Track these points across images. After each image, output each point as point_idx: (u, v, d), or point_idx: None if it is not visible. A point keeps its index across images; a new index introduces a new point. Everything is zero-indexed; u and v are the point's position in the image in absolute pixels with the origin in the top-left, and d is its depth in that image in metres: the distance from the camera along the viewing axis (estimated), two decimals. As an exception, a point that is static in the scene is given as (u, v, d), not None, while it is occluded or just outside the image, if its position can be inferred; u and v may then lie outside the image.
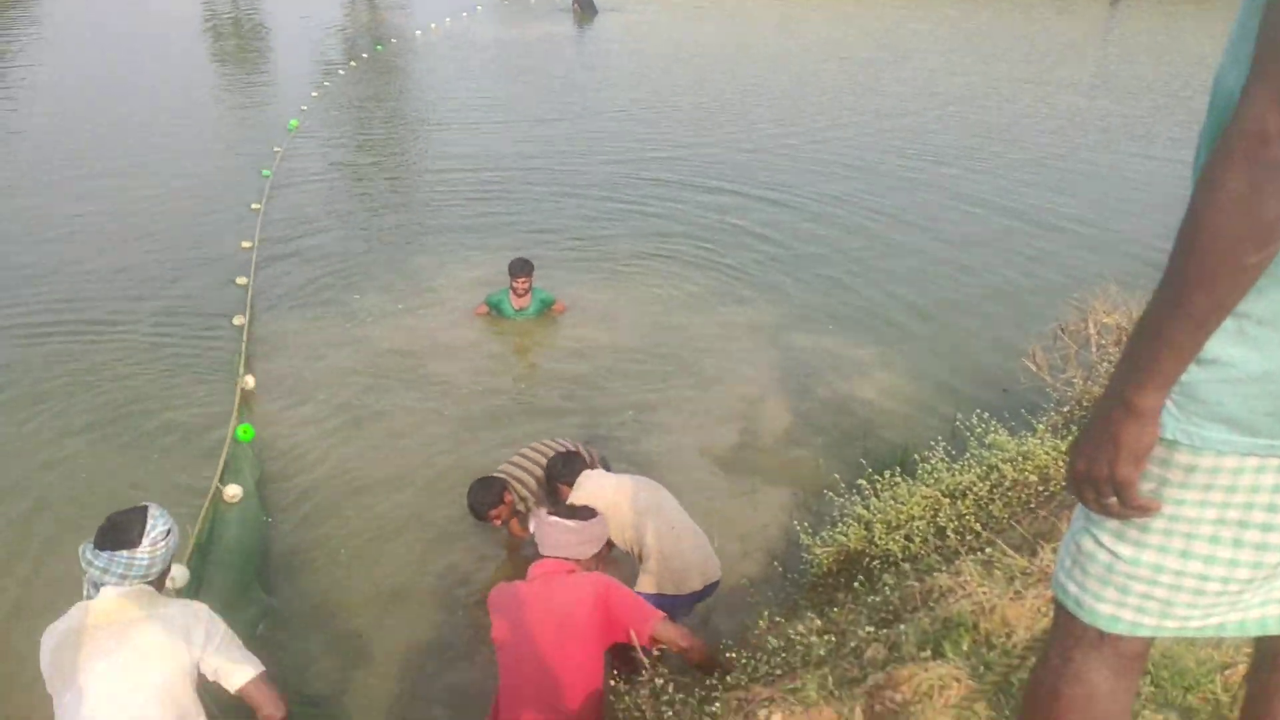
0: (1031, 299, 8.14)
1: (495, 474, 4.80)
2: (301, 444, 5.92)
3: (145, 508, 2.78)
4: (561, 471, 4.40)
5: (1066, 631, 1.45)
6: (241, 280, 8.21)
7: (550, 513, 3.44)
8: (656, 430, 6.15)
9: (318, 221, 10.25)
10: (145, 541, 2.69)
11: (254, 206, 10.29)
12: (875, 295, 8.42)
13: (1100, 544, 1.37)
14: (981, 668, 2.44)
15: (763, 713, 2.30)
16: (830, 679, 2.52)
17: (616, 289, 8.46)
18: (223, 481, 5.14)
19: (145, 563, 2.69)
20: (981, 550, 3.43)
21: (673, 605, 3.94)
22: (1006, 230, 10.17)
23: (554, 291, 7.91)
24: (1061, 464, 4.14)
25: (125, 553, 2.67)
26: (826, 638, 2.97)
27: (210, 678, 2.75)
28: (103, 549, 2.68)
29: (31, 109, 15.52)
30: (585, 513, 3.47)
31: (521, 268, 7.51)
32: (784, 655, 2.96)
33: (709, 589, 4.14)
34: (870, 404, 6.53)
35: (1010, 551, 3.23)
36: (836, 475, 5.17)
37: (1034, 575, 3.04)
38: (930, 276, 8.82)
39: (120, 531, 2.70)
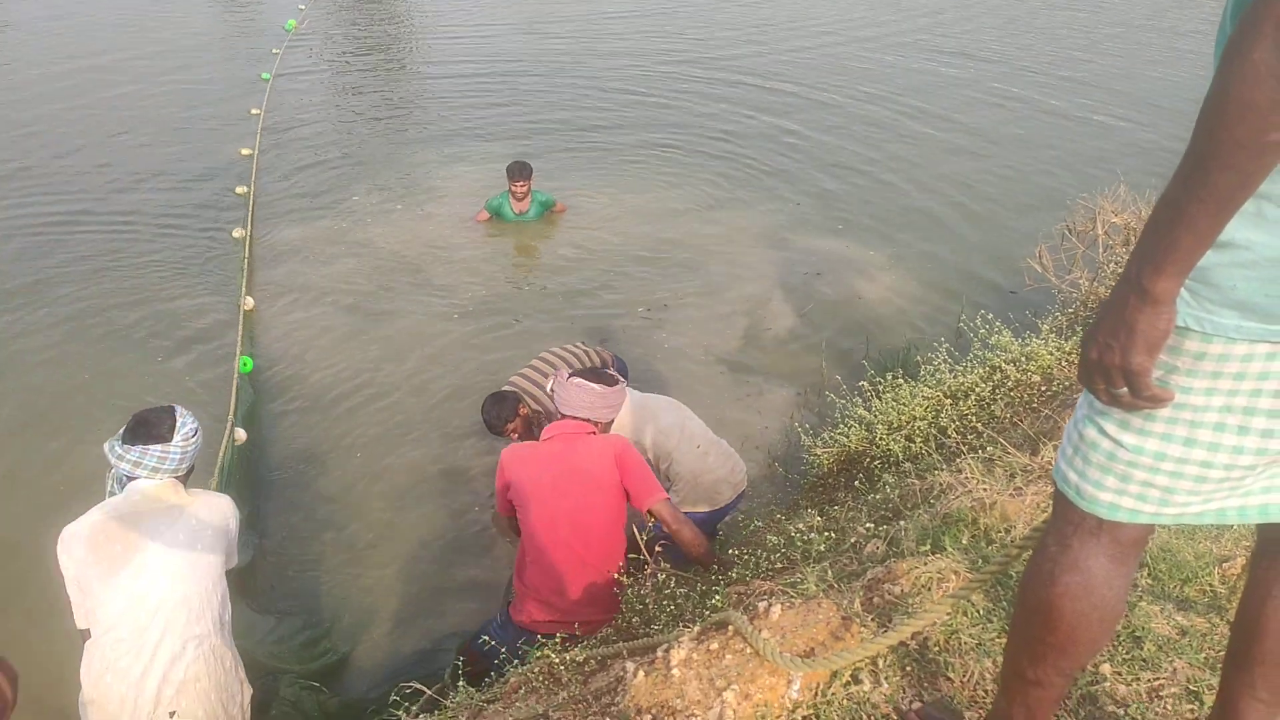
0: (1043, 199, 8.01)
1: (507, 387, 4.77)
2: (310, 350, 5.92)
3: (172, 408, 2.80)
4: None
5: (1065, 519, 1.45)
6: (241, 190, 8.06)
7: (573, 374, 3.44)
8: (660, 331, 6.14)
9: (318, 124, 10.07)
10: (177, 437, 2.73)
11: (253, 111, 10.07)
12: (885, 194, 8.30)
13: (1104, 433, 1.35)
14: (980, 561, 2.47)
15: (762, 605, 2.33)
16: (830, 573, 2.55)
17: (620, 187, 8.33)
18: (236, 421, 4.98)
19: (177, 456, 2.73)
20: (983, 449, 3.44)
21: (707, 521, 3.98)
22: (1021, 129, 9.95)
23: (555, 192, 7.79)
24: (1065, 365, 4.12)
25: (158, 446, 2.70)
26: (826, 535, 3.00)
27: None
28: (133, 444, 2.69)
29: (16, 6, 15.11)
30: (609, 378, 3.48)
31: (520, 171, 7.37)
32: (784, 552, 2.99)
33: (739, 499, 4.16)
34: (875, 306, 6.49)
35: (1011, 449, 3.24)
36: (839, 377, 5.17)
37: (1035, 472, 3.05)
38: (942, 177, 8.66)
39: (151, 427, 2.72)
